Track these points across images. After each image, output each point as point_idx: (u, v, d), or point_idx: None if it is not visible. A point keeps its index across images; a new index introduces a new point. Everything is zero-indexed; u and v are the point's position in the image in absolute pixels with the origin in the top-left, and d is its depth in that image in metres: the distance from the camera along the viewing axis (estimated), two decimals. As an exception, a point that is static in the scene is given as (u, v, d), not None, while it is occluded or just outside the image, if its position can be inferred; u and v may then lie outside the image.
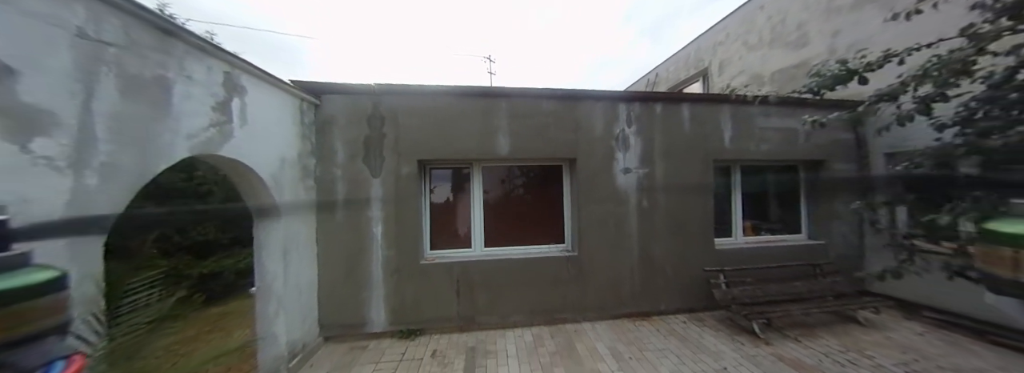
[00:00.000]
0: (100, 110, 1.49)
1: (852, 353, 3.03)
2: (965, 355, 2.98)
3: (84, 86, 1.43)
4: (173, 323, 1.76)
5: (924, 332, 3.45)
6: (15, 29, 1.23)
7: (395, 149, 3.45)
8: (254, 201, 2.67)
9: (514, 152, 3.67)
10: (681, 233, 3.95)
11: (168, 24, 1.78)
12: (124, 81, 1.59)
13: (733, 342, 3.24)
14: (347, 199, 3.38)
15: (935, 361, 2.89)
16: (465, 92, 3.58)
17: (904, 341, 3.25)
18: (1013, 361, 2.87)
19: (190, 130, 1.93)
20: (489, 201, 3.91)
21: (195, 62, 1.97)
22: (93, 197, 1.46)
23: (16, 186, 1.24)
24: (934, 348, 3.12)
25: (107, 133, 1.51)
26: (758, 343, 3.20)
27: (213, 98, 2.09)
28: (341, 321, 3.40)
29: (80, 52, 1.42)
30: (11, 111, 1.22)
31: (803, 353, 3.03)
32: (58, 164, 1.35)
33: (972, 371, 2.74)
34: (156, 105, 1.74)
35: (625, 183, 3.86)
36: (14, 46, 1.23)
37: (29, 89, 1.26)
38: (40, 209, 1.30)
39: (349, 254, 3.40)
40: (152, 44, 1.72)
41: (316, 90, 3.24)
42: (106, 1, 1.51)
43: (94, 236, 1.48)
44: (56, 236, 1.33)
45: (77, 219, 1.43)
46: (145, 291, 1.67)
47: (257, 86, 2.49)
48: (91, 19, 1.46)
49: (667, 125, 3.97)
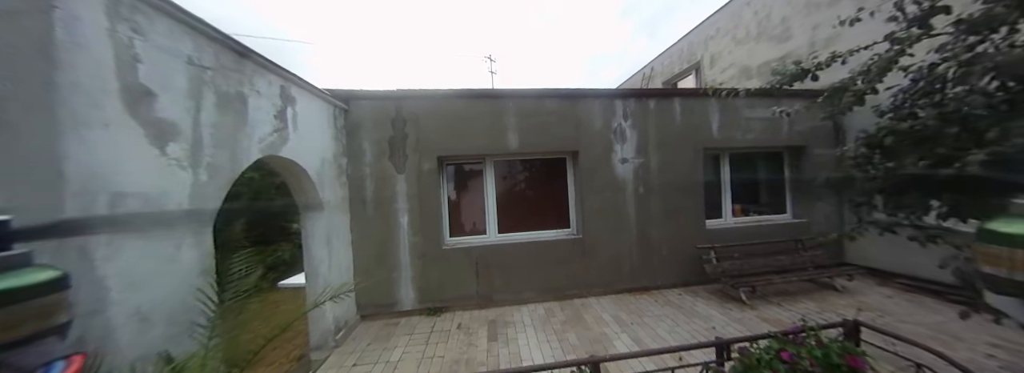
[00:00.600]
0: (205, 121, 1.88)
1: (827, 313, 3.47)
2: (925, 312, 3.42)
3: (194, 103, 1.82)
4: (257, 293, 2.17)
5: (893, 295, 3.89)
6: (150, 60, 1.61)
7: (416, 148, 3.84)
8: (302, 196, 3.07)
9: (522, 147, 4.06)
10: (675, 215, 4.37)
11: (241, 47, 2.15)
12: (218, 97, 1.97)
13: (722, 308, 3.68)
14: (375, 193, 3.78)
15: (899, 317, 3.33)
16: (477, 94, 3.96)
17: (874, 303, 3.69)
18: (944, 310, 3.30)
19: (260, 135, 2.32)
20: (501, 192, 4.31)
21: (260, 78, 2.35)
22: (204, 189, 1.86)
23: (160, 181, 1.63)
24: (899, 308, 3.56)
25: (210, 139, 1.90)
26: (744, 308, 3.64)
27: (274, 108, 2.48)
28: (375, 301, 3.83)
29: (190, 76, 1.81)
30: (152, 124, 1.61)
31: (783, 314, 3.47)
32: (183, 164, 1.74)
33: (929, 323, 3.18)
34: (238, 115, 2.13)
35: (623, 172, 4.27)
36: (150, 73, 1.61)
37: (162, 107, 1.65)
38: (173, 199, 1.70)
39: (379, 242, 3.81)
40: (232, 65, 2.11)
41: (345, 97, 3.61)
42: (203, 33, 1.89)
43: (203, 223, 1.88)
44: (55, 237, 1.27)
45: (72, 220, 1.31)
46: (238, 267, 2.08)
47: (303, 96, 2.87)
48: (195, 48, 1.85)
49: (660, 118, 4.35)
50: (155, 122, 1.60)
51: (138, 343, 1.48)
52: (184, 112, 1.76)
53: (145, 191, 1.55)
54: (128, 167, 1.48)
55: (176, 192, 1.71)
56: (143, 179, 1.54)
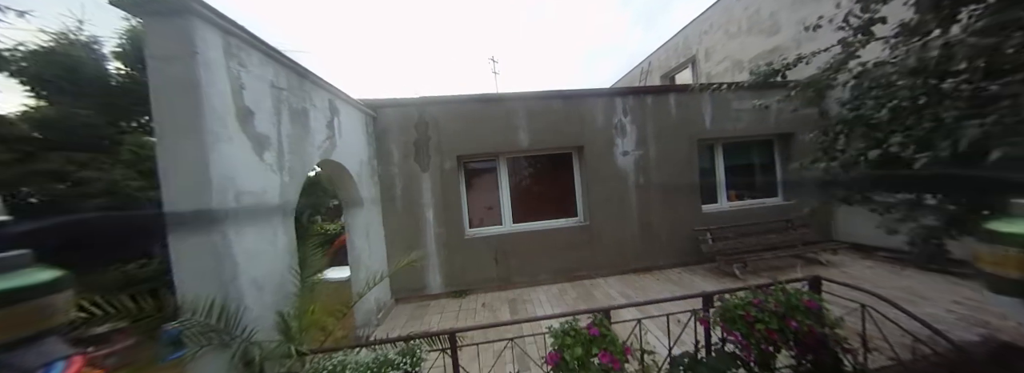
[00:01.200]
0: (284, 133, 2.33)
1: (838, 288, 3.89)
2: (898, 279, 3.83)
3: (277, 118, 2.28)
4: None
5: (873, 265, 4.30)
6: (250, 86, 2.06)
7: (438, 149, 4.29)
8: (345, 195, 3.54)
9: (532, 144, 4.50)
10: (673, 202, 4.79)
11: (302, 68, 2.60)
12: (290, 112, 2.43)
13: (718, 283, 4.11)
14: (404, 190, 4.24)
15: (874, 282, 3.74)
16: (489, 98, 4.39)
17: (855, 273, 4.11)
18: (933, 279, 3.71)
19: (318, 142, 2.78)
20: (514, 185, 4.76)
21: (316, 94, 2.80)
22: (288, 188, 2.32)
23: (262, 182, 2.09)
24: (877, 275, 3.98)
25: (288, 147, 2.36)
26: (737, 282, 4.07)
27: (325, 119, 2.93)
28: (407, 286, 4.31)
29: (273, 96, 2.26)
30: (255, 137, 2.06)
31: (772, 286, 3.89)
32: (274, 168, 2.20)
33: (900, 286, 3.60)
34: (304, 126, 2.59)
35: (624, 164, 4.69)
36: (251, 97, 2.06)
37: (259, 123, 2.11)
38: (270, 195, 2.16)
39: (409, 233, 4.28)
40: (297, 85, 2.56)
41: (374, 105, 4.06)
42: (277, 60, 2.34)
43: (288, 215, 2.34)
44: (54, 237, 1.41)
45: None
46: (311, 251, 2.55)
47: (344, 107, 3.32)
48: (275, 74, 2.30)
49: (657, 113, 4.76)
50: (256, 136, 2.06)
51: (257, 304, 1.95)
52: (272, 126, 2.22)
53: (254, 189, 2.01)
54: (244, 171, 1.94)
55: (271, 190, 2.17)
56: (253, 180, 2.00)
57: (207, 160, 1.71)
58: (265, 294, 2.02)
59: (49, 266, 0.78)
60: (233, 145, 1.87)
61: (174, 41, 1.68)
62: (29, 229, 0.89)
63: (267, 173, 2.13)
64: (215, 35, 1.83)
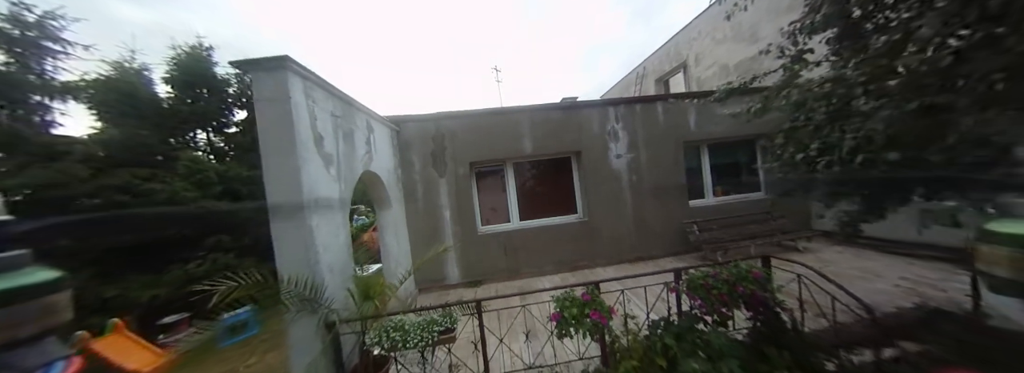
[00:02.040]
0: (341, 151, 2.95)
1: (784, 266, 4.44)
2: (862, 261, 4.37)
3: (336, 140, 2.90)
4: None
5: (842, 251, 4.84)
6: (320, 117, 2.68)
7: (453, 157, 4.91)
8: (377, 199, 4.17)
9: (535, 150, 5.10)
10: (663, 198, 5.36)
11: (349, 97, 3.22)
12: (343, 134, 3.05)
13: (702, 268, 4.67)
14: (424, 194, 4.86)
15: (838, 264, 4.29)
16: (498, 111, 5.00)
17: (826, 257, 4.65)
18: (891, 260, 4.25)
19: (360, 157, 3.40)
20: (520, 187, 5.36)
21: (357, 116, 3.43)
22: (344, 195, 2.94)
23: (329, 190, 2.71)
24: (845, 259, 4.52)
25: (344, 163, 2.98)
26: (719, 267, 4.63)
27: (364, 137, 3.55)
28: (429, 277, 4.92)
29: (333, 123, 2.88)
30: (324, 156, 2.68)
31: (749, 270, 4.44)
32: (335, 179, 2.82)
33: (859, 267, 4.14)
34: (351, 145, 3.21)
35: (618, 166, 5.27)
36: (320, 125, 2.68)
37: (326, 145, 2.73)
38: (334, 200, 2.77)
39: (429, 232, 4.89)
40: (346, 111, 3.18)
41: (397, 121, 4.69)
42: (335, 94, 2.96)
43: (345, 216, 2.95)
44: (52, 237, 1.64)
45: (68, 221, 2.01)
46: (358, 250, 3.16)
47: (376, 125, 3.95)
48: (334, 105, 2.92)
49: (646, 119, 5.34)
50: (325, 155, 2.68)
51: (331, 284, 2.57)
52: (333, 146, 2.84)
53: (325, 195, 2.63)
54: (319, 182, 2.56)
55: (334, 196, 2.79)
56: (324, 188, 2.62)
57: (299, 174, 2.33)
58: (335, 276, 2.64)
59: (50, 266, 0.78)
60: (313, 163, 2.49)
61: (274, 88, 2.30)
62: (29, 229, 0.91)
63: (332, 183, 2.75)
64: (298, 81, 2.45)
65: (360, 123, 3.49)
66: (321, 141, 2.64)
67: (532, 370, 2.62)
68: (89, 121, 5.41)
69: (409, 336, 2.23)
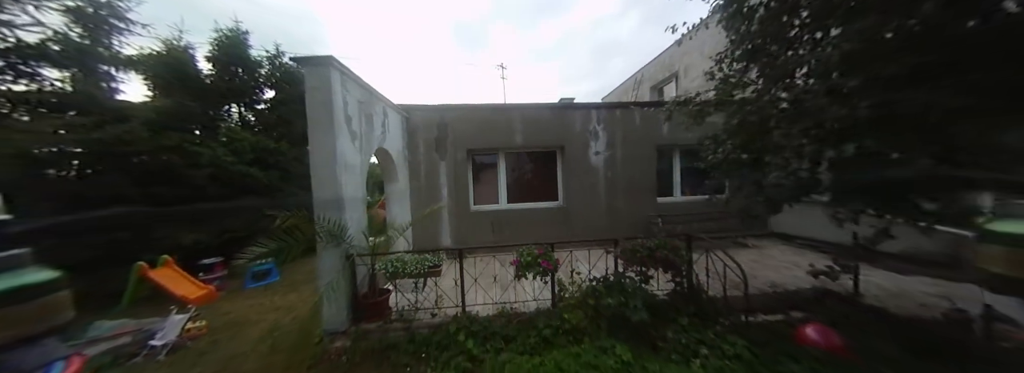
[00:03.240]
0: (363, 130, 3.75)
1: (738, 256, 5.23)
2: (795, 257, 5.14)
3: (360, 120, 3.69)
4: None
5: (785, 250, 5.60)
6: (349, 102, 3.47)
7: (453, 143, 5.70)
8: (388, 173, 4.98)
9: (525, 143, 5.87)
10: (633, 193, 6.13)
11: (370, 87, 4.00)
12: (365, 116, 3.84)
13: (657, 253, 5.46)
14: (426, 174, 5.67)
15: (776, 258, 5.06)
16: (494, 107, 5.76)
17: (767, 252, 5.43)
18: (819, 257, 5.01)
19: (376, 136, 4.20)
20: (510, 174, 6.14)
21: (376, 103, 4.22)
22: (364, 162, 3.74)
23: (354, 158, 3.51)
24: (781, 254, 5.29)
25: (364, 139, 3.78)
26: (671, 253, 5.42)
27: (380, 120, 4.35)
28: (425, 246, 5.74)
29: (358, 108, 3.68)
30: (352, 133, 3.47)
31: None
32: (359, 151, 3.62)
33: (787, 260, 4.92)
34: (371, 126, 4.01)
35: (596, 161, 6.04)
36: (349, 109, 3.47)
37: (354, 124, 3.52)
38: (358, 166, 3.58)
39: (429, 206, 5.71)
40: (368, 98, 3.97)
41: (407, 109, 5.47)
42: (360, 84, 3.75)
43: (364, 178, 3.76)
44: (53, 238, 1.72)
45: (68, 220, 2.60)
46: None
47: (389, 111, 4.74)
48: (360, 93, 3.71)
49: (624, 123, 6.08)
50: (353, 132, 3.49)
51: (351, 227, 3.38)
52: (358, 126, 3.64)
53: (352, 162, 3.44)
54: (347, 152, 3.36)
55: (357, 164, 3.60)
56: (350, 157, 3.43)
57: (335, 145, 3.13)
58: (354, 223, 3.46)
59: (48, 266, 0.76)
60: (343, 137, 3.30)
61: (320, 80, 3.09)
62: (28, 228, 1.06)
63: (355, 154, 3.56)
64: (337, 75, 3.23)
65: (378, 109, 4.28)
66: (350, 121, 3.44)
67: (498, 305, 3.45)
68: (143, 91, 6.24)
69: (407, 266, 3.06)
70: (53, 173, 4.88)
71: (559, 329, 3.07)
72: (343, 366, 2.86)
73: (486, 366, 2.69)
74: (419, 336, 3.07)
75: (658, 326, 3.11)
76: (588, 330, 3.02)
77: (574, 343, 2.92)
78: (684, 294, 3.57)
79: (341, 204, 3.21)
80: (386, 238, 3.68)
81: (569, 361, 2.64)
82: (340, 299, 3.16)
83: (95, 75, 5.43)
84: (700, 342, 2.88)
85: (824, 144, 2.50)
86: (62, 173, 5.00)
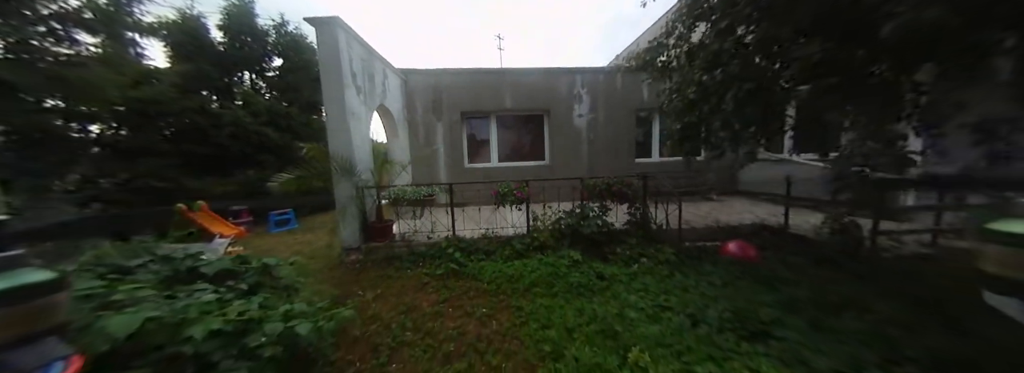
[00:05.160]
0: (365, 85, 4.32)
1: (700, 208, 5.89)
2: (751, 207, 5.78)
3: (363, 77, 4.25)
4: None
5: (746, 202, 6.24)
6: (353, 59, 4.02)
7: (449, 105, 6.25)
8: (390, 128, 5.60)
9: (515, 106, 6.39)
10: (613, 153, 6.71)
11: (370, 47, 4.52)
12: (368, 74, 4.40)
13: (630, 205, 6.14)
14: (424, 133, 6.28)
15: (734, 208, 5.71)
16: (486, 72, 6.25)
17: (729, 204, 6.07)
18: (771, 208, 5.64)
19: (378, 92, 4.77)
20: (501, 135, 6.72)
21: (376, 62, 4.75)
22: (368, 113, 4.35)
23: (358, 108, 4.12)
24: (741, 205, 5.93)
25: (367, 93, 4.36)
26: (642, 204, 6.09)
27: (380, 79, 4.90)
28: (424, 198, 6.47)
29: (361, 65, 4.23)
30: (357, 86, 4.05)
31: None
32: (363, 103, 4.22)
33: (747, 210, 5.56)
34: (372, 82, 4.57)
35: (579, 124, 6.57)
36: (353, 65, 4.03)
37: (358, 79, 4.09)
38: (364, 116, 4.20)
39: (426, 163, 6.37)
40: (369, 58, 4.51)
41: (405, 72, 5.98)
42: (362, 43, 4.27)
43: (368, 126, 4.39)
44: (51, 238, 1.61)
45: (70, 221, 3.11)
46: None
47: (389, 73, 5.27)
48: (362, 51, 4.25)
49: (606, 88, 6.54)
50: (357, 86, 4.07)
51: (359, 164, 4.05)
52: (362, 81, 4.21)
53: (356, 111, 4.05)
54: (353, 102, 3.96)
55: (362, 114, 4.21)
56: (356, 107, 4.04)
57: (343, 94, 3.73)
58: (362, 162, 4.13)
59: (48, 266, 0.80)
60: (350, 89, 3.89)
61: (330, 36, 3.64)
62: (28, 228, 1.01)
63: (360, 105, 4.16)
64: (342, 34, 3.76)
65: (377, 67, 4.83)
66: (355, 76, 4.02)
67: (482, 229, 4.19)
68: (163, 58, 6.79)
69: (407, 194, 3.76)
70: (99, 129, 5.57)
71: (530, 245, 3.80)
72: (357, 269, 3.64)
73: (468, 268, 3.44)
74: (418, 250, 3.83)
75: (610, 244, 3.82)
76: (552, 245, 3.75)
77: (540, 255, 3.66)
78: (636, 223, 4.27)
79: (350, 145, 3.86)
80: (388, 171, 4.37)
81: (533, 263, 3.38)
82: (353, 223, 3.90)
83: (122, 41, 5.97)
84: (641, 255, 3.60)
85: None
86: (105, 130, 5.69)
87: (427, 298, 2.90)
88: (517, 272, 3.20)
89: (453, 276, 3.33)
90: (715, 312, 2.35)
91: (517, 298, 2.80)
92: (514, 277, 3.13)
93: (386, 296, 2.96)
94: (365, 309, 2.70)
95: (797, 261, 3.38)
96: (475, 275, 3.28)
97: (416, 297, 2.92)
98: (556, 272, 3.15)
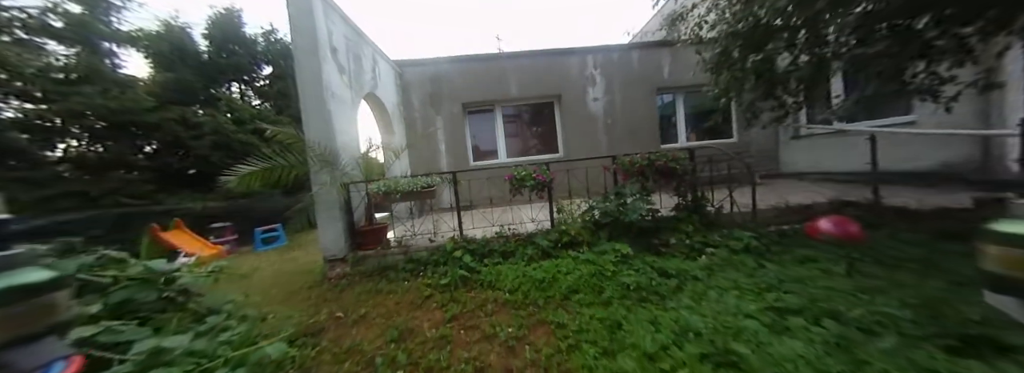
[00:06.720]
0: (351, 66, 3.72)
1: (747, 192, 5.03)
2: (795, 189, 4.90)
3: (347, 57, 3.65)
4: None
5: (797, 184, 5.36)
6: (335, 34, 3.43)
7: (448, 97, 5.63)
8: (384, 122, 4.97)
9: (521, 94, 5.75)
10: (635, 139, 5.95)
11: (358, 28, 3.96)
12: (353, 55, 3.81)
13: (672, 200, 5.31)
14: (423, 128, 5.64)
15: (778, 190, 4.84)
16: (488, 57, 5.67)
17: (774, 187, 5.20)
18: (818, 189, 4.76)
19: (367, 79, 4.17)
20: (508, 128, 6.05)
21: (365, 46, 4.18)
22: (355, 98, 3.72)
23: (341, 90, 3.49)
24: (785, 188, 5.06)
25: (354, 76, 3.75)
26: (678, 193, 5.26)
27: (370, 65, 4.31)
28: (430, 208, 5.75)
29: (346, 42, 3.64)
30: (339, 65, 3.44)
31: (702, 194, 5.07)
32: (347, 85, 3.60)
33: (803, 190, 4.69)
34: (360, 65, 3.98)
35: (595, 108, 5.87)
36: (335, 41, 3.43)
37: (340, 56, 3.49)
38: (348, 99, 3.56)
39: (427, 160, 5.69)
40: (356, 38, 3.93)
41: (400, 64, 5.42)
42: (346, 21, 3.70)
43: (356, 113, 3.74)
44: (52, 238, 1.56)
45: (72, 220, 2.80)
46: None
47: (381, 60, 4.70)
48: (346, 29, 3.67)
49: (622, 66, 5.88)
50: (340, 64, 3.46)
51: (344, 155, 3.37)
52: (346, 61, 3.61)
53: (339, 94, 3.41)
54: (333, 81, 3.34)
55: (347, 97, 3.57)
56: (338, 88, 3.40)
57: (320, 70, 3.11)
58: (347, 152, 3.45)
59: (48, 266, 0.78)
60: (330, 65, 3.27)
61: (304, 6, 3.05)
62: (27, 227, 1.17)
63: (344, 87, 3.54)
64: (319, 4, 3.19)
65: (367, 52, 4.25)
66: (336, 52, 3.41)
67: (494, 227, 3.40)
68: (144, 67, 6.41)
69: (400, 186, 3.03)
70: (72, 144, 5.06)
71: (558, 241, 3.00)
72: (343, 285, 2.87)
73: (482, 274, 2.65)
74: (417, 256, 3.06)
75: (659, 233, 3.00)
76: (586, 239, 2.94)
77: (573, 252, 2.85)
78: (688, 207, 3.45)
79: (330, 131, 3.19)
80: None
81: (567, 262, 2.57)
82: (336, 226, 3.17)
83: (98, 51, 5.57)
84: (705, 244, 2.77)
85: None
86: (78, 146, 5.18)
87: (429, 317, 2.12)
88: (548, 275, 2.41)
89: (463, 285, 2.55)
90: (863, 312, 1.52)
91: (553, 310, 2.01)
92: (545, 282, 2.34)
93: (372, 318, 2.18)
94: (341, 339, 1.92)
95: (916, 238, 2.53)
96: (492, 282, 2.50)
97: (413, 317, 2.14)
98: (601, 272, 2.35)
